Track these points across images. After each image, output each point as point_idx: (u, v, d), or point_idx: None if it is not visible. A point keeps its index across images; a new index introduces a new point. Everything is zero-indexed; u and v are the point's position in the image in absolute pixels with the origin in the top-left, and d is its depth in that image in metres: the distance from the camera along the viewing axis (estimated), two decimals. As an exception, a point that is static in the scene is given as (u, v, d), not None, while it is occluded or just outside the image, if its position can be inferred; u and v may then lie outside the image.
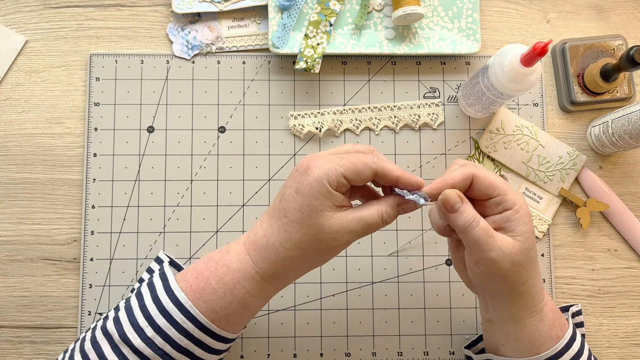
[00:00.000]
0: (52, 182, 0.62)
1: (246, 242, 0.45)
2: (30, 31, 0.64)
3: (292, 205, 0.43)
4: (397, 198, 0.45)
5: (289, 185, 0.44)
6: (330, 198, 0.42)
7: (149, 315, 0.44)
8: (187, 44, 0.64)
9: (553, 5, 0.67)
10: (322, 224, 0.42)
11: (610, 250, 0.63)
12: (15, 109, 0.63)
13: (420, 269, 0.62)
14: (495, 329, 0.49)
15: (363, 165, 0.43)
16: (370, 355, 0.61)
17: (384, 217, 0.44)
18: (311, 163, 0.43)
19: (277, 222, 0.44)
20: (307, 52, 0.61)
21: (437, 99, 0.65)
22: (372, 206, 0.44)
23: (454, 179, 0.44)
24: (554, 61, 0.66)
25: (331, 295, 0.61)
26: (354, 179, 0.43)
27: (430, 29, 0.64)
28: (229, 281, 0.44)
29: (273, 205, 0.45)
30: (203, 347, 0.45)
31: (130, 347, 0.43)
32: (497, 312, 0.48)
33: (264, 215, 0.46)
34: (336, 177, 0.42)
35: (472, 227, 0.42)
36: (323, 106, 0.64)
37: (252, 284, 0.44)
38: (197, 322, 0.44)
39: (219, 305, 0.44)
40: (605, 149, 0.62)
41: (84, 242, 0.61)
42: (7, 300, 0.60)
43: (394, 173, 0.44)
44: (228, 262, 0.45)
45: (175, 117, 0.63)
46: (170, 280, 0.45)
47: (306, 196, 0.42)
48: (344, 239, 0.43)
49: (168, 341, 0.43)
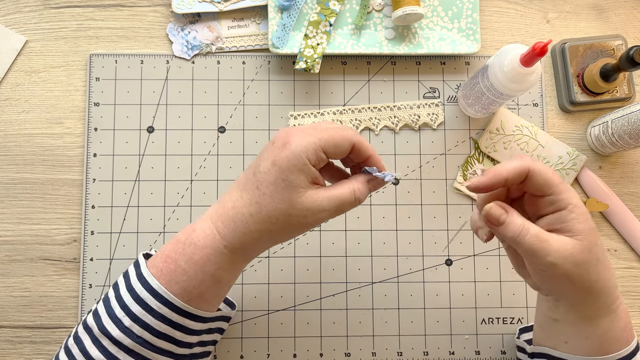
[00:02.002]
0: (52, 182, 0.62)
1: (213, 216, 0.45)
2: (30, 31, 0.64)
3: (266, 178, 0.42)
4: (366, 175, 0.45)
5: (264, 158, 0.43)
6: (306, 173, 0.42)
7: (124, 305, 0.44)
8: (187, 44, 0.64)
9: (553, 5, 0.67)
10: (294, 199, 0.42)
11: (610, 250, 0.63)
12: (15, 109, 0.63)
13: (420, 269, 0.62)
14: (563, 327, 0.47)
15: (342, 138, 0.43)
16: (370, 355, 0.61)
17: (357, 195, 0.44)
18: (290, 136, 0.42)
19: (249, 194, 0.43)
20: (307, 52, 0.61)
21: (437, 99, 0.65)
22: (344, 184, 0.44)
23: (508, 171, 0.42)
24: (553, 61, 0.66)
25: (331, 295, 0.61)
26: (332, 153, 0.43)
27: (430, 29, 0.64)
28: (198, 260, 0.43)
29: (245, 176, 0.44)
30: (182, 330, 0.45)
31: (109, 339, 0.43)
32: (570, 312, 0.45)
33: (232, 187, 0.45)
34: (315, 151, 0.42)
35: (523, 236, 0.41)
36: (323, 106, 0.64)
37: (222, 258, 0.44)
38: (173, 306, 0.44)
39: (192, 284, 0.44)
40: (605, 149, 0.62)
41: (84, 242, 0.61)
42: (7, 300, 0.60)
43: (369, 150, 0.45)
44: (195, 240, 0.44)
45: (175, 117, 0.63)
46: (142, 268, 0.45)
47: (282, 169, 0.41)
48: (314, 217, 0.43)
49: (146, 328, 0.43)
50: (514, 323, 0.62)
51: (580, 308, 0.44)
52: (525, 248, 0.41)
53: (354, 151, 0.44)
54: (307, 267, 0.62)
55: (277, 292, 0.61)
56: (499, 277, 0.62)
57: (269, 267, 0.61)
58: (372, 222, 0.62)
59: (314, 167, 0.42)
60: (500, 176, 0.42)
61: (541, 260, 0.41)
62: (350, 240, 0.62)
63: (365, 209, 0.63)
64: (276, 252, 0.62)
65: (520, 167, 0.42)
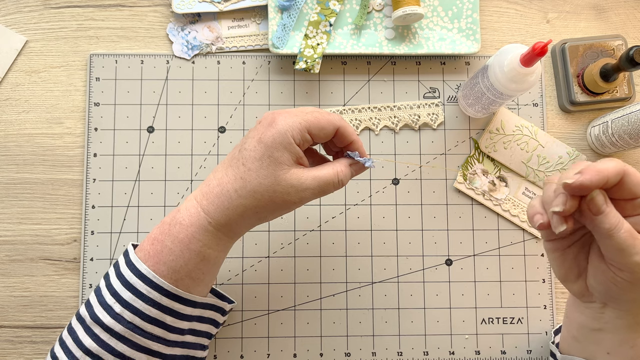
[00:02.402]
0: (52, 182, 0.62)
1: (197, 195, 0.46)
2: (30, 31, 0.64)
3: (252, 154, 0.43)
4: (349, 160, 0.47)
5: (251, 136, 0.45)
6: (291, 151, 0.43)
7: (115, 292, 0.44)
8: (187, 44, 0.64)
9: (553, 5, 0.67)
10: (279, 176, 0.43)
11: (610, 250, 0.63)
12: (15, 109, 0.63)
13: (420, 269, 0.62)
14: (608, 336, 0.45)
15: (327, 121, 0.45)
16: (370, 355, 0.61)
17: (340, 177, 0.45)
18: (277, 116, 0.44)
19: (234, 171, 0.44)
20: (307, 52, 0.61)
21: (437, 99, 0.65)
22: (328, 166, 0.46)
23: (610, 171, 0.39)
24: (553, 61, 0.66)
25: (331, 295, 0.61)
26: (317, 135, 0.44)
27: (430, 29, 0.64)
28: (183, 238, 0.44)
29: (231, 155, 0.46)
30: (173, 314, 0.45)
31: (101, 326, 0.44)
32: (620, 319, 0.43)
33: (218, 167, 0.46)
34: (300, 130, 0.43)
35: (618, 229, 0.39)
36: (323, 106, 0.64)
37: (207, 235, 0.45)
38: (163, 289, 0.44)
39: (179, 264, 0.44)
40: (605, 149, 0.62)
41: (84, 242, 0.61)
42: (7, 300, 0.60)
43: (352, 135, 0.46)
44: (179, 219, 0.45)
45: (175, 117, 0.63)
46: (130, 254, 0.46)
47: (268, 146, 0.43)
48: (298, 195, 0.44)
49: (137, 314, 0.44)
50: (514, 323, 0.62)
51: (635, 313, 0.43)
52: (618, 243, 0.39)
53: (337, 135, 0.46)
54: (307, 267, 0.62)
55: (277, 292, 0.61)
56: (499, 277, 0.62)
57: (269, 267, 0.61)
58: (372, 222, 0.63)
59: (298, 146, 0.44)
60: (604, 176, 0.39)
61: (629, 258, 0.39)
62: (350, 240, 0.62)
63: (365, 209, 0.63)
64: (276, 252, 0.62)
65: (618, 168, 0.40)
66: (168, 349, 0.46)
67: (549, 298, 0.62)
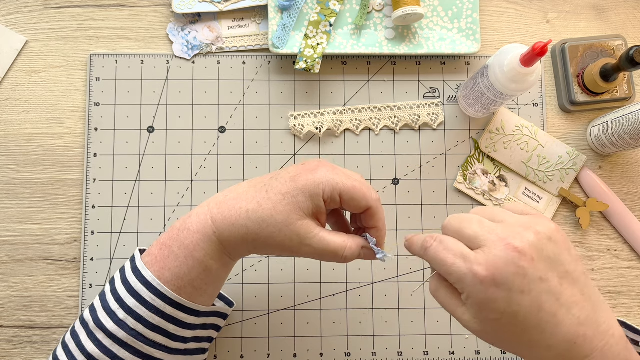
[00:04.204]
0: (53, 182, 0.62)
1: (211, 202, 0.45)
2: (30, 31, 0.64)
3: (279, 187, 0.43)
4: (363, 241, 0.45)
5: (288, 171, 0.44)
6: (314, 203, 0.42)
7: (119, 298, 0.44)
8: (187, 44, 0.64)
9: (553, 5, 0.67)
10: (291, 218, 0.42)
11: (610, 250, 0.63)
12: (15, 109, 0.63)
13: (420, 269, 0.62)
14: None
15: (362, 196, 0.43)
16: (370, 355, 0.61)
17: (346, 253, 0.44)
18: (321, 167, 0.43)
19: (255, 192, 0.44)
20: (307, 52, 0.61)
21: (437, 99, 0.65)
22: (341, 236, 0.44)
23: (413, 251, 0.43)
24: (553, 61, 0.66)
25: (331, 295, 0.61)
26: (347, 202, 0.43)
27: (430, 29, 0.64)
28: (189, 244, 0.44)
29: (260, 179, 0.45)
30: (176, 323, 0.45)
31: (104, 332, 0.44)
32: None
33: (244, 183, 0.46)
34: (333, 189, 0.42)
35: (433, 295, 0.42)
36: (323, 106, 0.64)
37: (210, 245, 0.44)
38: (167, 298, 0.44)
39: (183, 271, 0.44)
40: (605, 149, 0.62)
41: (84, 242, 0.61)
42: (8, 300, 0.60)
43: (379, 222, 0.45)
44: (189, 225, 0.44)
45: (175, 117, 0.63)
46: (137, 260, 0.45)
47: (296, 187, 0.42)
48: (298, 247, 0.43)
49: (140, 321, 0.43)
50: (514, 323, 0.62)
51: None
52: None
53: (366, 214, 0.44)
54: (307, 267, 0.62)
55: (277, 292, 0.61)
56: (499, 277, 0.62)
57: (269, 267, 0.61)
58: (372, 222, 0.63)
59: (324, 202, 0.42)
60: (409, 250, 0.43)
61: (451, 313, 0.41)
62: (351, 240, 0.62)
63: (366, 209, 0.63)
64: (276, 252, 0.62)
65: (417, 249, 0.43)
66: (170, 357, 0.46)
67: (549, 298, 0.62)
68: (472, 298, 0.37)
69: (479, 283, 0.36)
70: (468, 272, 0.37)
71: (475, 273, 0.36)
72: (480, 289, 0.36)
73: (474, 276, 0.36)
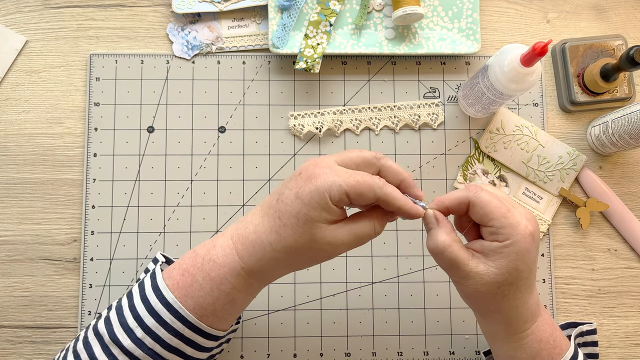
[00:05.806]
0: (52, 182, 0.62)
1: (234, 235, 0.44)
2: (30, 31, 0.64)
3: (288, 209, 0.42)
4: (382, 210, 0.45)
5: (289, 187, 0.43)
6: (328, 211, 0.42)
7: (138, 316, 0.44)
8: (187, 44, 0.64)
9: (553, 5, 0.67)
10: (315, 234, 0.42)
11: (610, 250, 0.63)
12: (15, 109, 0.63)
13: (420, 269, 0.62)
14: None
15: (368, 188, 0.42)
16: (370, 355, 0.61)
17: (377, 228, 0.44)
18: (317, 171, 0.42)
19: (270, 222, 0.43)
20: (307, 52, 0.61)
21: (437, 99, 0.65)
22: (364, 218, 0.44)
23: (449, 200, 0.46)
24: (553, 61, 0.66)
25: (331, 295, 0.61)
26: (355, 199, 0.42)
27: (430, 29, 0.64)
28: (215, 277, 0.43)
29: (268, 202, 0.44)
30: (193, 346, 0.45)
31: (120, 348, 0.43)
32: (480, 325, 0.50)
33: (256, 210, 0.45)
34: (339, 193, 0.41)
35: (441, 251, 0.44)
36: (323, 106, 0.64)
37: (238, 279, 0.44)
38: (187, 321, 0.43)
39: (207, 301, 0.44)
40: (605, 149, 0.62)
41: (84, 242, 0.61)
42: (7, 300, 0.60)
43: (396, 202, 0.43)
44: (214, 257, 0.44)
45: (175, 117, 0.63)
46: (158, 279, 0.45)
47: (305, 204, 0.41)
48: (335, 251, 0.43)
49: (158, 341, 0.43)
50: (514, 323, 0.62)
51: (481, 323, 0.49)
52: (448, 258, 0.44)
53: (379, 202, 0.44)
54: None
55: (277, 292, 0.61)
56: (499, 277, 0.62)
57: (269, 267, 0.61)
58: (372, 222, 0.62)
59: (335, 205, 0.42)
60: (440, 205, 0.46)
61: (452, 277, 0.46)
62: (351, 240, 0.62)
63: (366, 209, 0.63)
64: (276, 252, 0.62)
65: (459, 197, 0.45)
66: None
67: (549, 298, 0.62)
68: (516, 245, 0.42)
69: (529, 234, 0.43)
70: (520, 221, 0.43)
71: (525, 224, 0.43)
72: (529, 239, 0.43)
73: (525, 227, 0.43)
